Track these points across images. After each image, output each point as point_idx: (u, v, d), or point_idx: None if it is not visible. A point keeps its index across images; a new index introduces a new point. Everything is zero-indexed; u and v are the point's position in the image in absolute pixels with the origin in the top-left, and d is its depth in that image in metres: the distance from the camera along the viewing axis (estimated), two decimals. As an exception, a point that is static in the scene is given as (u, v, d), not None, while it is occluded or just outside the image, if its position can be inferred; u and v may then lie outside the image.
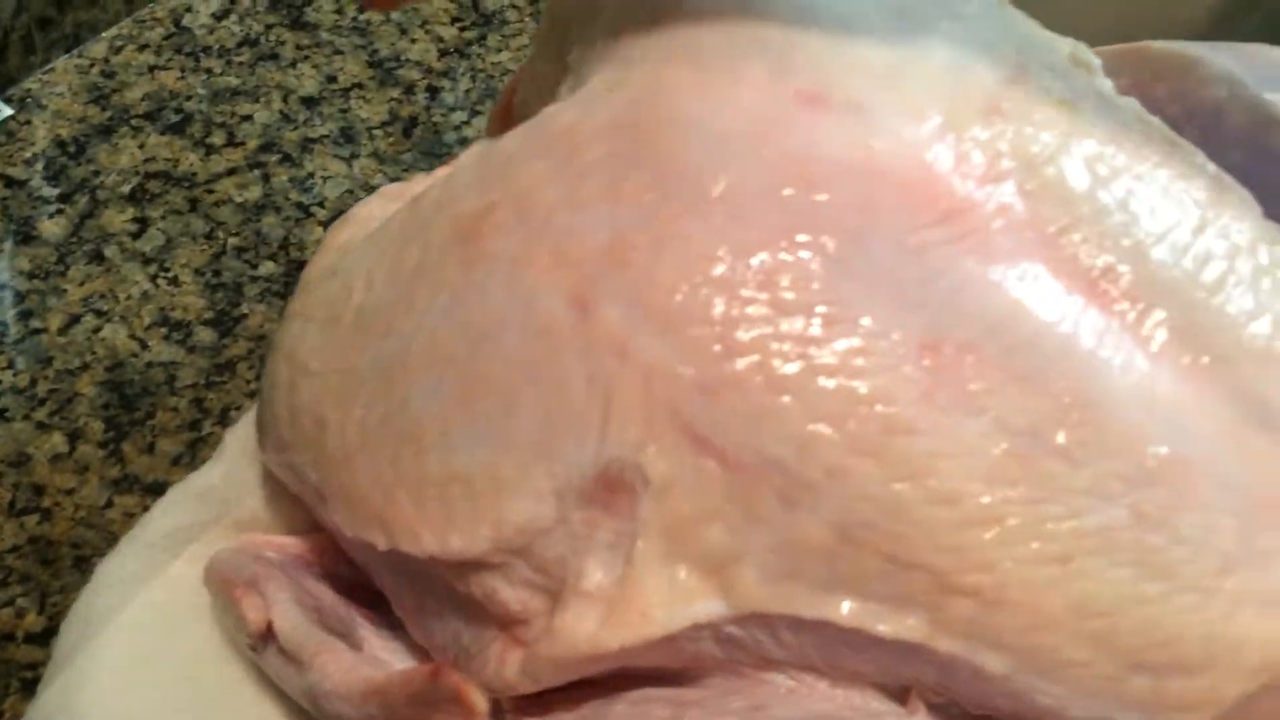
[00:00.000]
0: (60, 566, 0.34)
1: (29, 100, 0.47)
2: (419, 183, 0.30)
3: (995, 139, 0.23)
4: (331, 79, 0.51)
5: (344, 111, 0.50)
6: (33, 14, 0.46)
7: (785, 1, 0.24)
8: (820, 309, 0.21)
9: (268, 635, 0.26)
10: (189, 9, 0.52)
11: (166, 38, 0.51)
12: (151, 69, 0.49)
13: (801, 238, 0.22)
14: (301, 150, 0.48)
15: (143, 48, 0.50)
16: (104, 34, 0.50)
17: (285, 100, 0.50)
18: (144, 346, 0.40)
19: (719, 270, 0.21)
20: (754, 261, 0.21)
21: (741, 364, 0.21)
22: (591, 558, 0.22)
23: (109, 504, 0.36)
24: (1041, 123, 0.23)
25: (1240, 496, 0.22)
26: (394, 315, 0.24)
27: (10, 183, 0.44)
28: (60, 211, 0.43)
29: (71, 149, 0.46)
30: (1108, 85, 0.28)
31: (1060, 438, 0.21)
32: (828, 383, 0.21)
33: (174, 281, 0.42)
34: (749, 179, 0.22)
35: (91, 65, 0.49)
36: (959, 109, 0.23)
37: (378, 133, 0.50)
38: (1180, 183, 0.24)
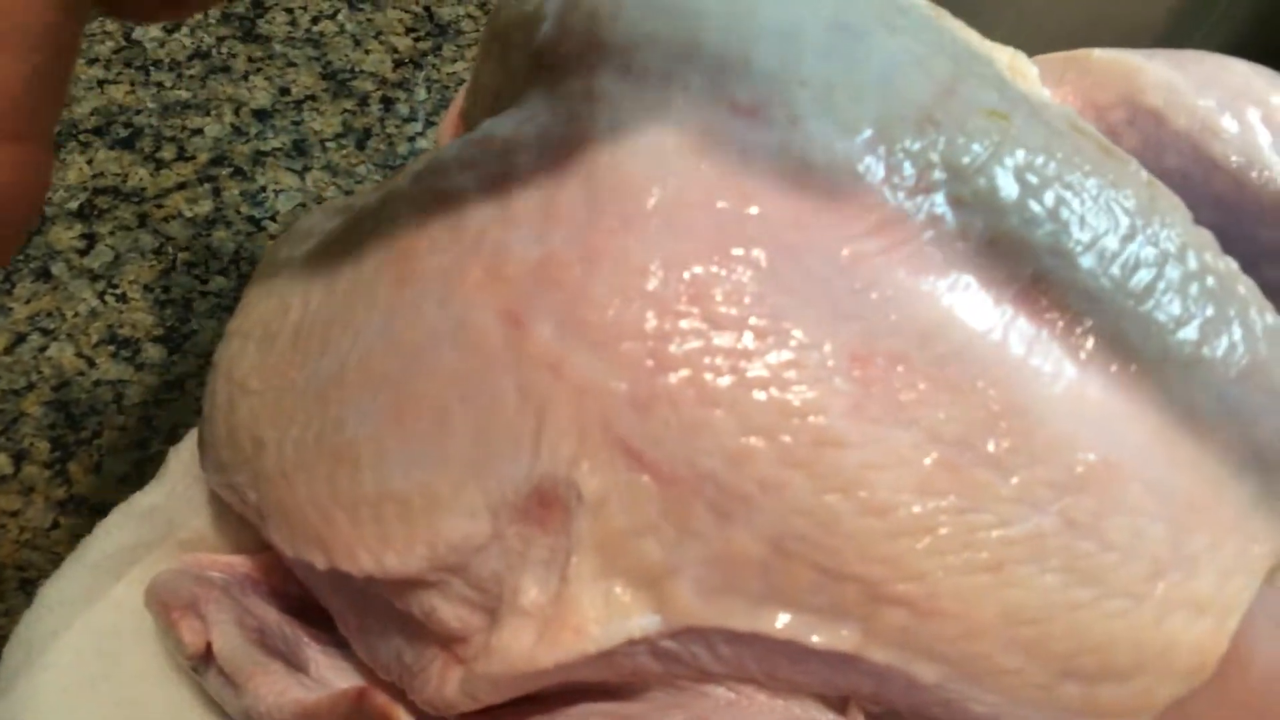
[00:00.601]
0: (5, 589, 0.34)
1: (-25, 116, 0.46)
2: (359, 197, 0.30)
3: (927, 150, 0.23)
4: (284, 91, 0.51)
5: (297, 124, 0.50)
6: (-23, 29, 0.46)
7: (722, 14, 0.24)
8: (752, 322, 0.21)
9: (207, 657, 0.26)
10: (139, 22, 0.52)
11: (116, 51, 0.50)
12: (101, 83, 0.49)
13: (735, 251, 0.22)
14: (253, 163, 0.48)
15: (92, 61, 0.50)
16: (52, 48, 0.50)
17: (237, 113, 0.49)
18: (91, 365, 0.40)
19: (651, 285, 0.21)
20: (686, 275, 0.22)
21: (673, 378, 0.21)
22: (527, 574, 0.22)
23: (55, 525, 0.35)
24: (973, 133, 0.23)
25: (1168, 501, 0.22)
26: (330, 333, 0.24)
27: (-45, 200, 0.43)
28: (6, 229, 0.43)
29: (18, 165, 0.45)
30: (1045, 94, 0.29)
31: (990, 446, 0.21)
32: (759, 396, 0.21)
33: (122, 298, 0.42)
34: (683, 192, 0.22)
35: (39, 80, 0.48)
36: (891, 121, 0.23)
37: (331, 145, 0.49)
38: (1111, 191, 0.24)
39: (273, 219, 0.46)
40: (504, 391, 0.22)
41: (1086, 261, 0.23)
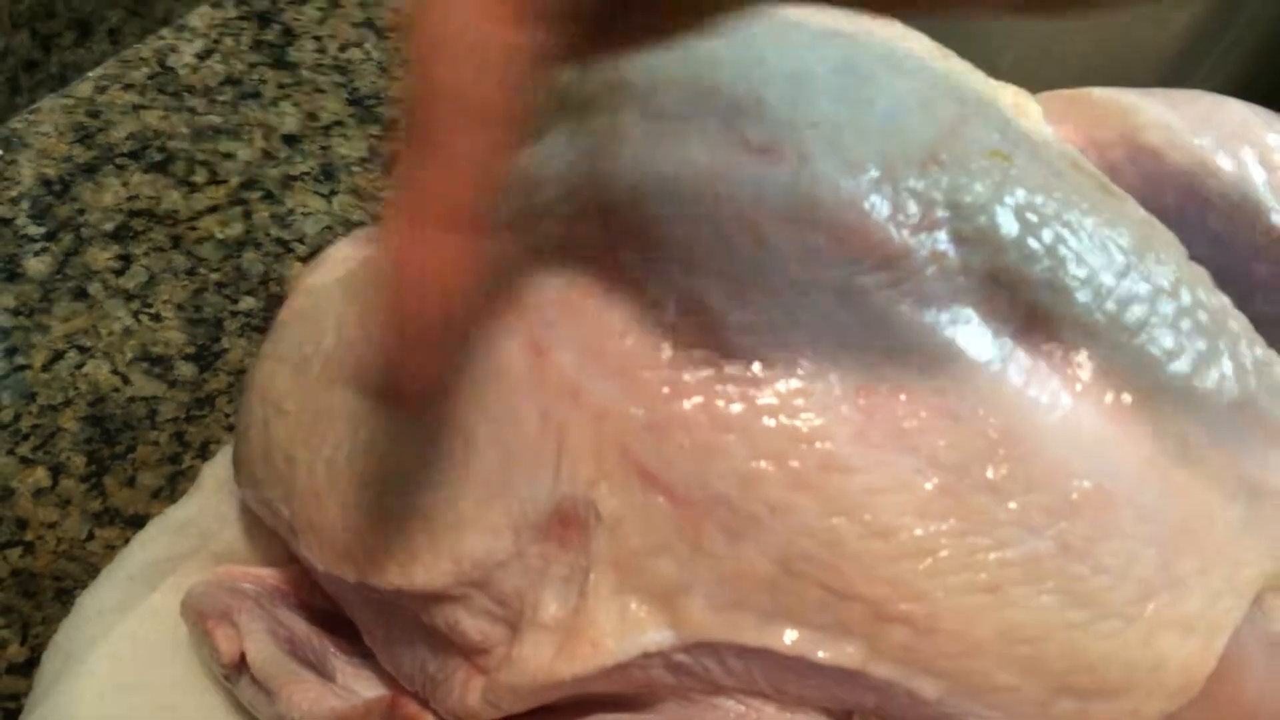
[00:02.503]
0: (42, 599, 0.35)
1: (15, 140, 0.48)
2: (390, 226, 0.31)
3: (930, 189, 0.24)
4: (313, 117, 0.52)
5: (324, 149, 0.51)
6: (19, 56, 0.48)
7: (738, 57, 0.26)
8: (762, 352, 0.22)
9: (241, 665, 0.27)
10: (173, 49, 0.54)
11: (151, 77, 0.52)
12: (136, 108, 0.51)
13: (745, 287, 0.23)
14: (282, 187, 0.49)
15: (127, 87, 0.51)
16: (89, 74, 0.51)
17: (267, 138, 0.51)
18: (126, 381, 0.41)
19: (667, 318, 0.23)
20: (699, 309, 0.23)
21: (688, 404, 0.22)
22: (547, 590, 0.23)
23: (90, 536, 0.37)
24: (976, 173, 0.25)
25: (1160, 526, 0.23)
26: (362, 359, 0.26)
27: (-4, 221, 0.45)
28: (45, 249, 0.44)
29: (57, 187, 0.47)
30: (1047, 132, 0.30)
31: (988, 472, 0.22)
32: (769, 422, 0.22)
33: (156, 317, 0.43)
34: (698, 227, 0.23)
35: (77, 105, 0.50)
36: (897, 160, 0.24)
37: (357, 169, 0.51)
38: (1107, 229, 0.25)
39: (301, 241, 0.47)
40: (527, 416, 0.23)
41: (1082, 296, 0.24)
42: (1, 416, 0.39)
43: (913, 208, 0.24)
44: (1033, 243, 0.24)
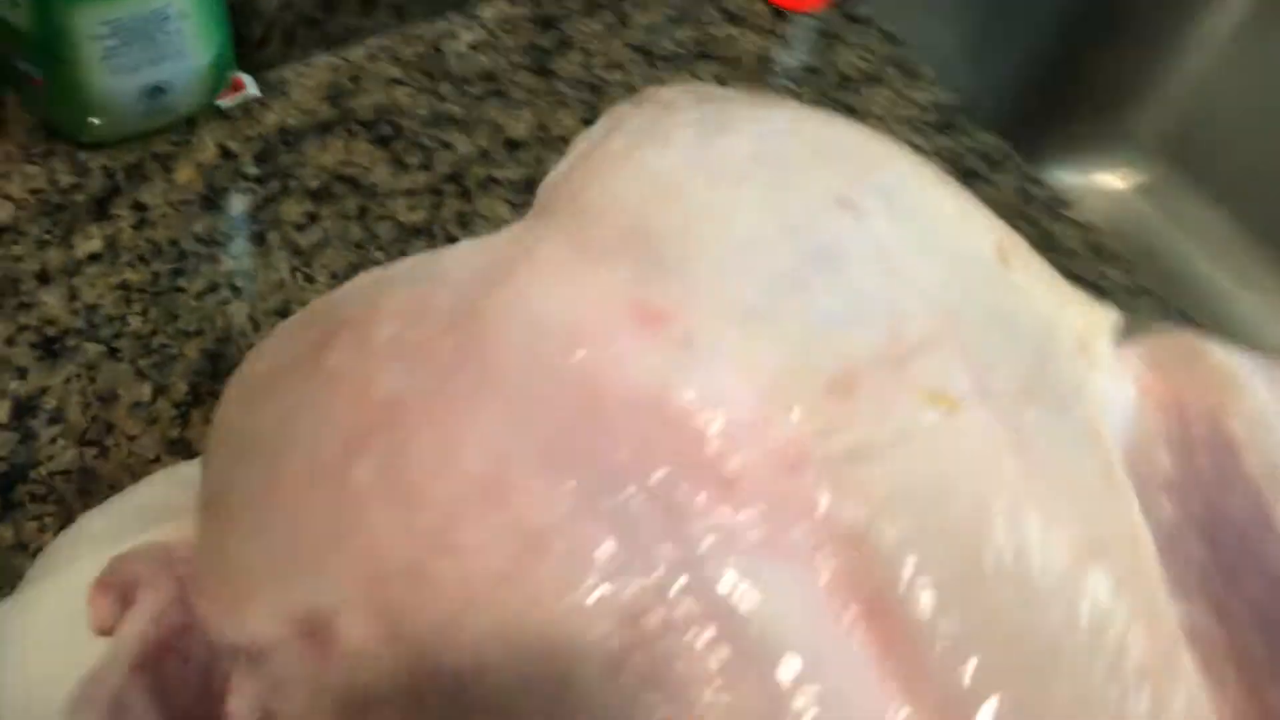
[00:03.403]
0: (92, 501, 0.39)
1: (278, 86, 0.53)
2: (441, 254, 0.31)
3: (818, 421, 0.20)
4: (543, 128, 0.54)
5: (539, 161, 0.52)
6: (297, 11, 0.52)
7: (706, 205, 0.23)
8: (544, 536, 0.20)
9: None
10: (452, 34, 0.57)
11: (419, 56, 0.55)
12: (392, 81, 0.54)
13: (560, 460, 0.21)
14: (481, 188, 0.51)
15: (395, 60, 0.55)
16: (368, 41, 0.55)
17: (492, 138, 0.53)
18: (256, 328, 0.44)
19: (467, 466, 0.21)
20: (503, 469, 0.21)
21: (447, 563, 0.21)
22: (288, 686, 0.22)
23: (156, 459, 0.40)
24: (892, 417, 0.21)
25: None
26: (267, 395, 0.26)
27: (226, 154, 0.50)
28: (251, 190, 0.49)
29: (290, 137, 0.51)
30: (1100, 382, 0.25)
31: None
32: (521, 608, 0.20)
33: (309, 278, 0.46)
34: (540, 383, 0.21)
35: (345, 67, 0.54)
36: (801, 377, 0.21)
37: (558, 189, 0.51)
38: (1040, 531, 0.20)
39: (470, 244, 0.49)
40: (320, 513, 0.22)
41: (955, 608, 0.19)
42: (141, 327, 0.43)
43: (779, 435, 0.20)
44: (912, 521, 0.20)
